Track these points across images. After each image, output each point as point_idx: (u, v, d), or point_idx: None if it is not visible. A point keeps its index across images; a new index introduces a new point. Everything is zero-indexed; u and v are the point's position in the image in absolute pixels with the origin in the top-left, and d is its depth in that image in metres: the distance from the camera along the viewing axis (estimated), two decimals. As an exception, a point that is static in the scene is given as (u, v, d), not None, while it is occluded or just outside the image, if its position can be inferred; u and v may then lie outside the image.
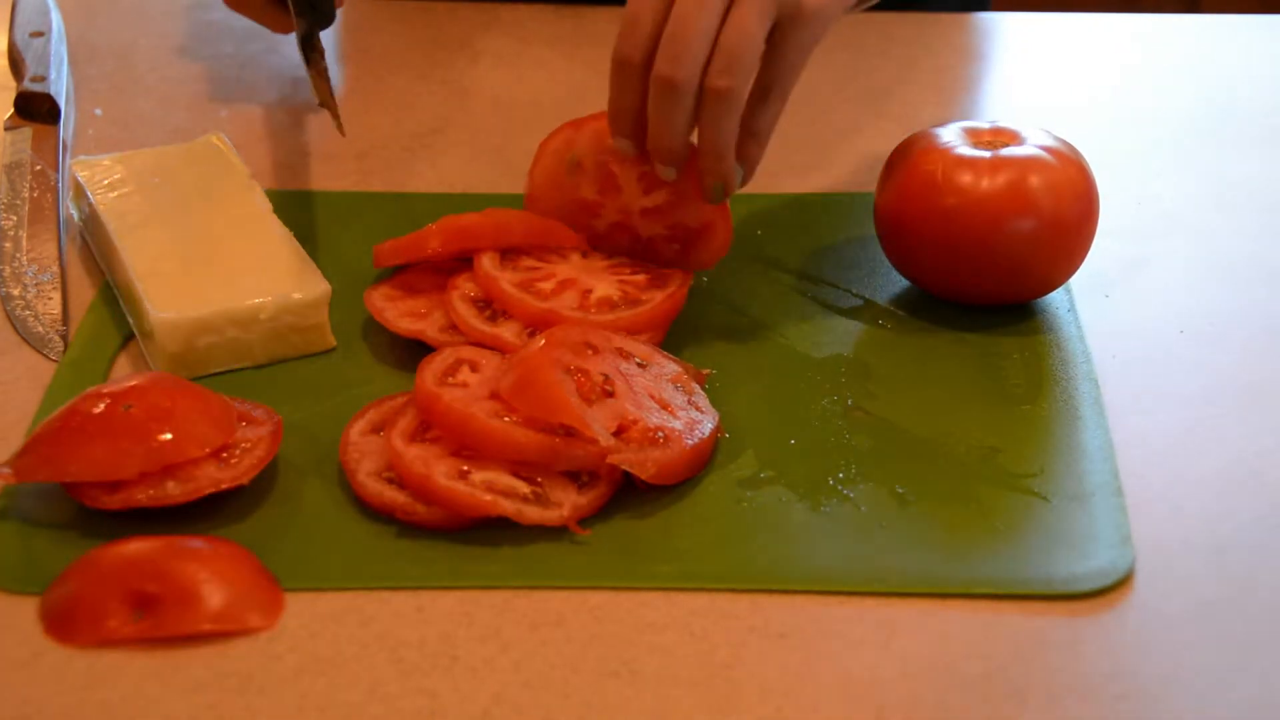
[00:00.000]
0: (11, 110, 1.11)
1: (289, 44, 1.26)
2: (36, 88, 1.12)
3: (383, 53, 1.22)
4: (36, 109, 1.11)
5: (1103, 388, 0.88)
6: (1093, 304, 0.95)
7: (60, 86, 1.14)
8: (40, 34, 1.18)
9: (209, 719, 0.69)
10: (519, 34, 1.23)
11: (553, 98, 1.16)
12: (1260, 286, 0.98)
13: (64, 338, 0.91)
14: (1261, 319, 0.95)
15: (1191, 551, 0.78)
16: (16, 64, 1.17)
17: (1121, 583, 0.76)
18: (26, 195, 1.03)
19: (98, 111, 1.15)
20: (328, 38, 1.26)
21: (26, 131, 1.09)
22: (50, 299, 0.94)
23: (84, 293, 0.95)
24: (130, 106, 1.16)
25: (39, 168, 1.05)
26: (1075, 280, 0.97)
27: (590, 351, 0.83)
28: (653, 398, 0.83)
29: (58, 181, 1.04)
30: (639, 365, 0.85)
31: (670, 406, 0.83)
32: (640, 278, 0.91)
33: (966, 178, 0.90)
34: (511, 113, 1.14)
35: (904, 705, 0.70)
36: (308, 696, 0.70)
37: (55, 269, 0.96)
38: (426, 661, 0.72)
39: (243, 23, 1.27)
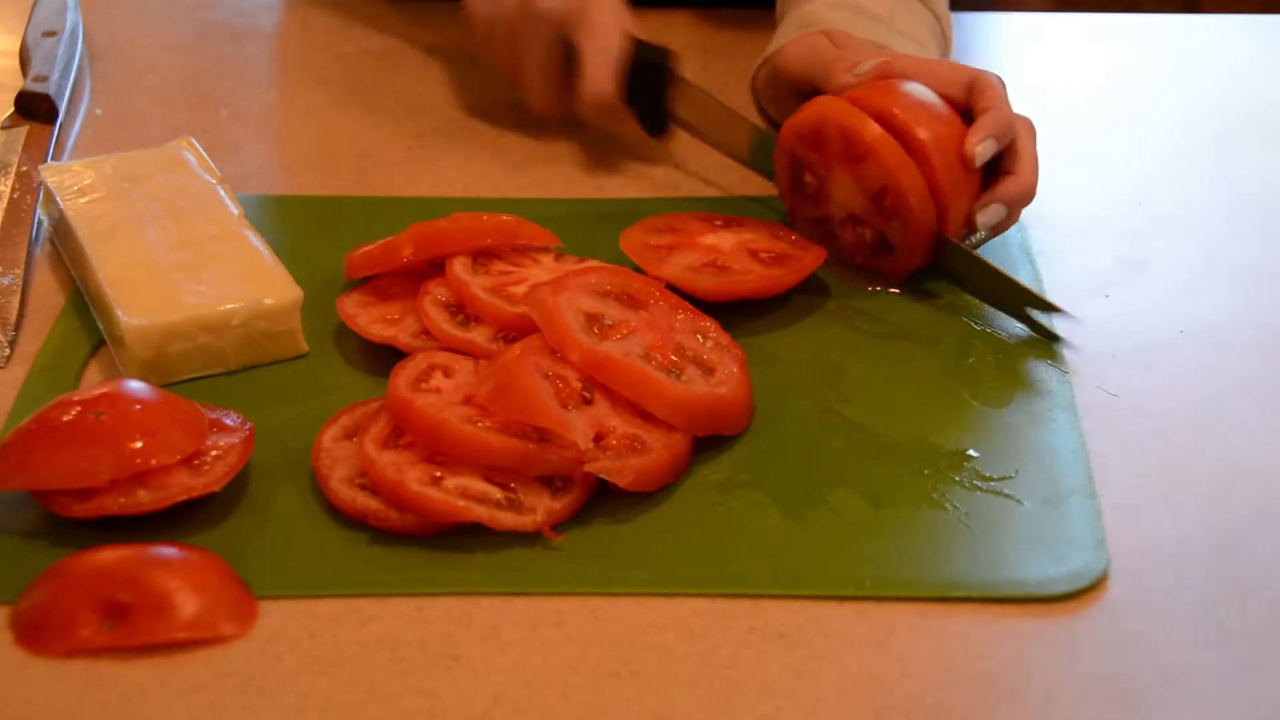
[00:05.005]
0: (11, 109, 1.11)
1: (287, 44, 1.26)
2: (37, 88, 1.12)
3: (381, 53, 1.22)
4: (36, 109, 1.11)
5: (1103, 387, 0.88)
6: (1093, 304, 0.95)
7: (64, 86, 1.14)
8: (53, 33, 1.18)
9: (209, 719, 0.69)
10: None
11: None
12: (1260, 287, 0.98)
13: (12, 344, 0.90)
14: (1261, 319, 0.95)
15: (1191, 551, 0.78)
16: (25, 63, 1.17)
17: (1096, 586, 0.76)
18: (7, 196, 1.02)
19: (98, 111, 1.15)
20: (325, 39, 1.26)
21: (22, 131, 1.09)
22: (7, 303, 0.93)
23: (54, 299, 0.95)
24: (130, 106, 1.16)
25: (24, 169, 1.05)
26: (1074, 280, 0.97)
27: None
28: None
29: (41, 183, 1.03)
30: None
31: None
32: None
33: None
34: (511, 114, 1.14)
35: (904, 705, 0.70)
36: (308, 696, 0.70)
37: (18, 271, 0.95)
38: (426, 661, 0.72)
39: (243, 22, 1.27)
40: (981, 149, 0.92)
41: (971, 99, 0.94)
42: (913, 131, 0.91)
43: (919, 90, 0.94)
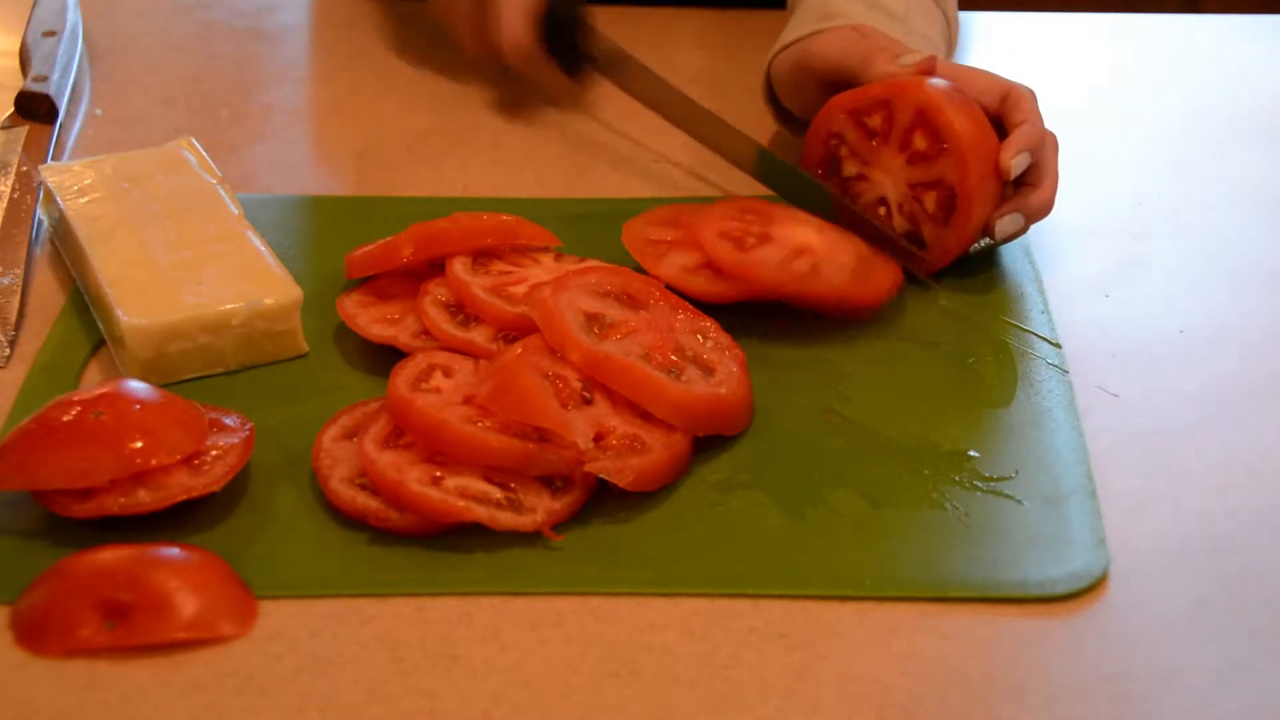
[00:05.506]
0: (11, 109, 1.11)
1: (288, 44, 1.26)
2: (37, 88, 1.12)
3: (383, 53, 1.22)
4: (36, 109, 1.11)
5: (1103, 387, 0.88)
6: (1093, 304, 0.95)
7: (64, 86, 1.14)
8: (52, 33, 1.18)
9: (209, 719, 0.69)
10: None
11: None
12: (1261, 287, 0.98)
13: (12, 344, 0.90)
14: (1261, 319, 0.95)
15: (1191, 550, 0.78)
16: (25, 63, 1.17)
17: (1096, 586, 0.76)
18: (7, 196, 1.02)
19: (98, 111, 1.15)
20: (326, 38, 1.26)
21: (22, 131, 1.09)
22: (7, 303, 0.93)
23: (54, 299, 0.94)
24: (130, 106, 1.16)
25: (25, 169, 1.05)
26: (1074, 279, 0.97)
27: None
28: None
29: (41, 183, 1.03)
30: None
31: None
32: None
33: None
34: (512, 113, 1.14)
35: (904, 705, 0.70)
36: (308, 696, 0.70)
37: (18, 271, 0.95)
38: (426, 661, 0.72)
39: (243, 22, 1.27)
40: (1016, 162, 0.93)
41: (1005, 110, 0.95)
42: (953, 127, 0.92)
43: (958, 92, 0.94)
